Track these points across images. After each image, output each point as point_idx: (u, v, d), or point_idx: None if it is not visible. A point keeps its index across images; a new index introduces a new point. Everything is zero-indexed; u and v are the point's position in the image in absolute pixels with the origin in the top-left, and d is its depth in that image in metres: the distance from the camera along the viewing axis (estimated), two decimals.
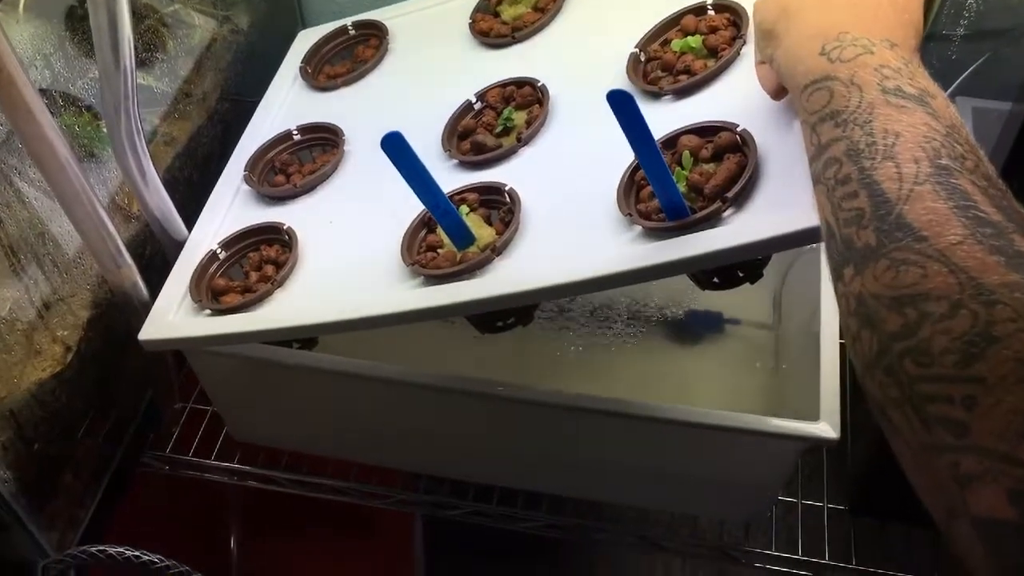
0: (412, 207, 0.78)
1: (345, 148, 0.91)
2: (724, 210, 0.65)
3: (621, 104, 0.60)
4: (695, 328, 1.05)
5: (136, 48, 0.79)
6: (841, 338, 0.84)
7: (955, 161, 0.45)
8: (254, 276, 0.84)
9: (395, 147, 0.68)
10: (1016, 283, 0.39)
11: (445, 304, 0.71)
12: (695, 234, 0.65)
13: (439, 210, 0.73)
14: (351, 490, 0.99)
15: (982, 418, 0.38)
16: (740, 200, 0.65)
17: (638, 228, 0.68)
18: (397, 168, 0.69)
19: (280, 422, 0.99)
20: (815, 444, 0.80)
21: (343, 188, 0.88)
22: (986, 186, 0.44)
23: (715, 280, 0.71)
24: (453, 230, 0.74)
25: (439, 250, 0.76)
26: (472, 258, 0.73)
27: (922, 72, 0.52)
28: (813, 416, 0.80)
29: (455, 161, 0.83)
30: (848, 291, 0.46)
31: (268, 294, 0.81)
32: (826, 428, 0.79)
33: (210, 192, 0.94)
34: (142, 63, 0.96)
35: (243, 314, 0.80)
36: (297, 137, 0.95)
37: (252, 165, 0.93)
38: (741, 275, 0.71)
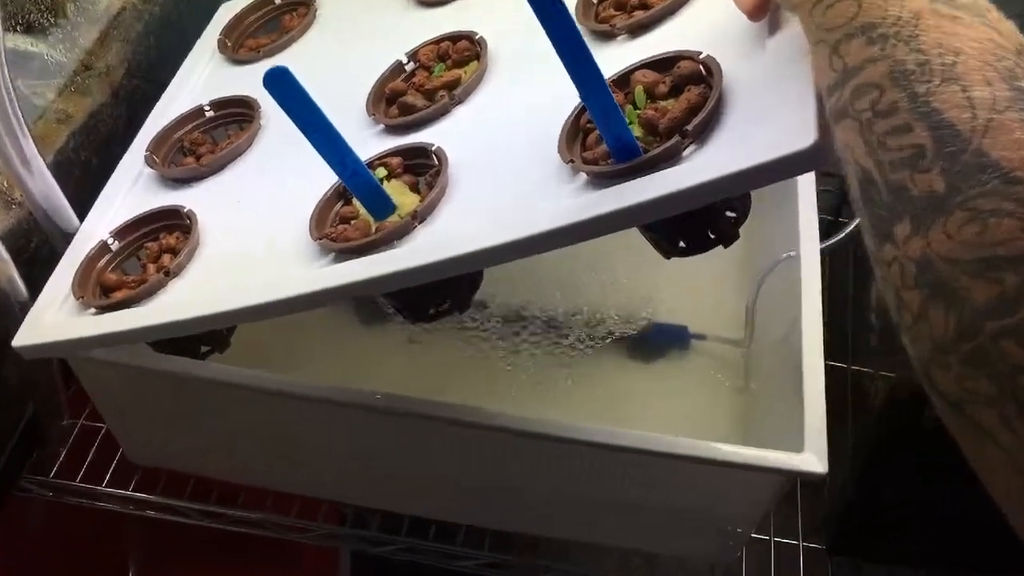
0: (332, 182, 0.68)
1: (261, 122, 0.79)
2: (683, 146, 0.55)
3: (543, 2, 0.50)
4: (657, 343, 0.94)
5: (23, 9, 0.67)
6: (828, 359, 0.74)
7: None
8: (152, 269, 0.72)
9: (280, 85, 0.57)
10: None
11: (355, 281, 0.60)
12: (649, 176, 0.54)
13: (346, 170, 0.62)
14: (266, 523, 0.87)
15: None
16: (702, 134, 0.55)
17: (583, 176, 0.58)
18: (287, 112, 0.58)
19: (184, 443, 0.87)
20: (798, 479, 0.70)
21: (256, 165, 0.77)
22: None
23: (682, 244, 0.61)
24: (367, 195, 0.63)
25: (353, 222, 0.65)
26: (389, 227, 0.62)
27: None
28: (794, 446, 0.70)
29: (381, 127, 0.73)
30: (903, 255, 0.36)
31: (160, 285, 0.69)
32: (812, 460, 0.68)
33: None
34: (32, 27, 0.83)
35: (131, 309, 0.68)
36: (209, 113, 0.83)
37: (156, 145, 0.82)
38: (712, 236, 0.60)
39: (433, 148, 0.67)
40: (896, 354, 0.79)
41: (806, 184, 0.85)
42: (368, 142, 0.72)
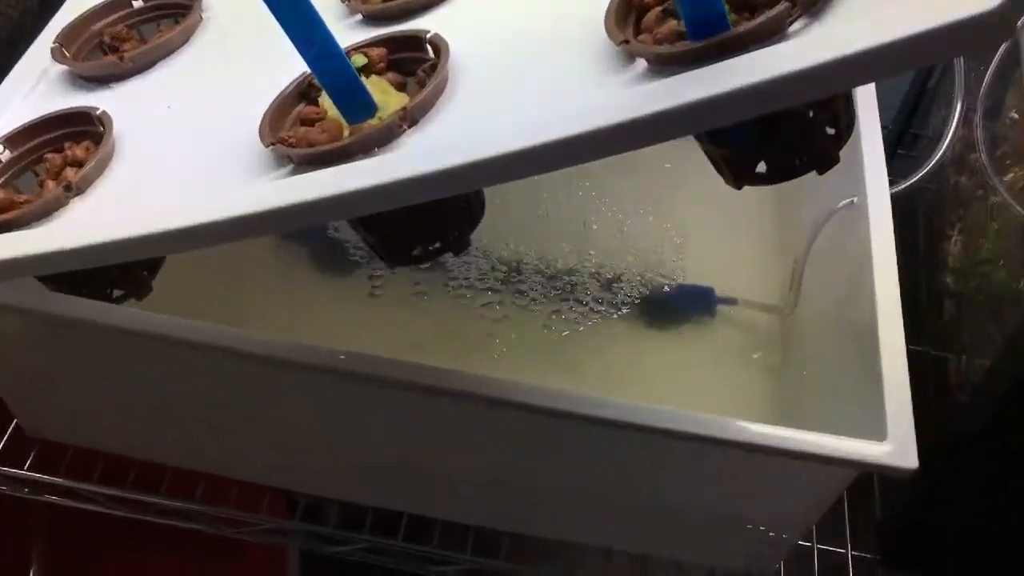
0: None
1: (203, 14, 0.63)
2: (791, 18, 0.40)
3: None
4: (677, 308, 0.79)
5: None
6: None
7: None
8: (51, 185, 0.56)
9: None
10: None
11: (318, 198, 0.44)
12: (738, 58, 0.39)
13: (313, 49, 0.45)
14: (195, 513, 0.71)
15: None
16: (815, 5, 0.40)
17: (640, 64, 0.43)
18: None
19: (93, 412, 0.70)
20: (880, 474, 0.55)
21: (193, 65, 0.61)
22: None
23: (761, 168, 0.46)
24: (340, 88, 0.47)
25: (318, 124, 0.49)
26: (368, 130, 0.46)
27: None
28: (861, 434, 0.55)
29: (358, 16, 0.57)
30: None
31: (59, 204, 0.53)
32: (899, 452, 0.54)
33: None
34: None
35: (18, 232, 0.52)
36: (138, 3, 0.67)
37: (68, 37, 0.65)
38: (805, 160, 0.45)
39: (428, 36, 0.52)
40: (984, 328, 0.64)
41: (868, 118, 0.70)
42: (342, 36, 0.55)
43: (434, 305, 0.77)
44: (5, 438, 0.71)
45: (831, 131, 0.45)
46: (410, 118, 0.47)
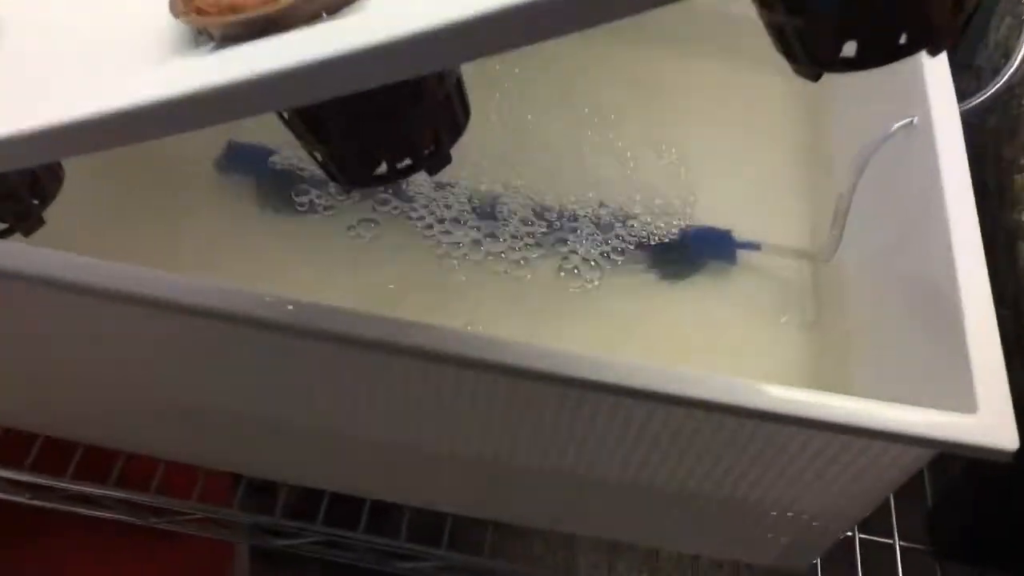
0: None
1: None
2: None
3: None
4: (690, 255, 0.67)
5: None
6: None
7: None
8: None
9: None
10: None
11: (244, 79, 0.31)
12: None
13: None
14: (110, 500, 0.58)
15: None
16: None
17: None
18: None
19: None
20: (971, 455, 0.44)
21: None
22: None
23: (850, 49, 0.34)
24: None
25: None
26: None
27: None
28: (942, 404, 0.44)
29: None
30: None
31: None
32: (992, 426, 0.42)
33: None
34: None
35: None
36: None
37: None
38: (914, 34, 0.33)
39: None
40: None
41: None
42: None
43: (400, 250, 0.65)
44: None
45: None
46: None
